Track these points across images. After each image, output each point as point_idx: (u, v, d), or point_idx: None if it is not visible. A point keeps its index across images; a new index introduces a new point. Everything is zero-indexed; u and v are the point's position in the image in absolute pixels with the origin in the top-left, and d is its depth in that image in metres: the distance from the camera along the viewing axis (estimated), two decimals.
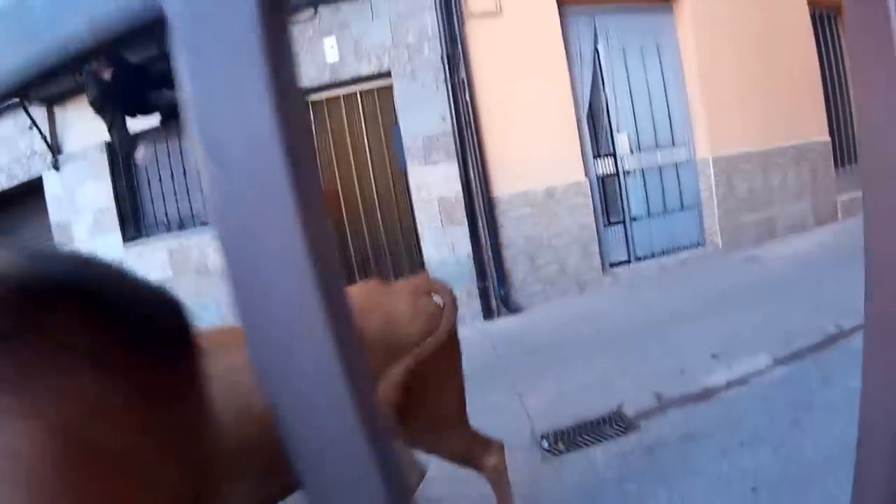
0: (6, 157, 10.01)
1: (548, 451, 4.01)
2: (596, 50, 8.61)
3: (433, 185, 7.84)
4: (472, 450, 2.99)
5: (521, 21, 7.96)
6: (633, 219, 8.83)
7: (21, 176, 9.90)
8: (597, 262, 8.31)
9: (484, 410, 3.92)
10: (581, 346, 5.87)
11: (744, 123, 9.07)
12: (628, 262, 8.75)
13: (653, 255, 8.82)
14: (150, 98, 7.72)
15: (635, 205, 8.83)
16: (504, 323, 7.66)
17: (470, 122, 7.75)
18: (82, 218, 9.33)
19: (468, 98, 7.75)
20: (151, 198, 9.09)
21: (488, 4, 7.88)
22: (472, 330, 7.26)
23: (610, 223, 8.73)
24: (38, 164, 9.63)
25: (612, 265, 8.64)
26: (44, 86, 8.76)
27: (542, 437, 4.17)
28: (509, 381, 5.28)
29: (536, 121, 8.01)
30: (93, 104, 7.60)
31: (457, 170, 7.79)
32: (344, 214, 8.29)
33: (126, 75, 7.53)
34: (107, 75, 7.38)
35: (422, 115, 7.77)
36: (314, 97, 8.11)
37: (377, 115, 8.15)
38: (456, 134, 7.74)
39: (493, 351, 6.42)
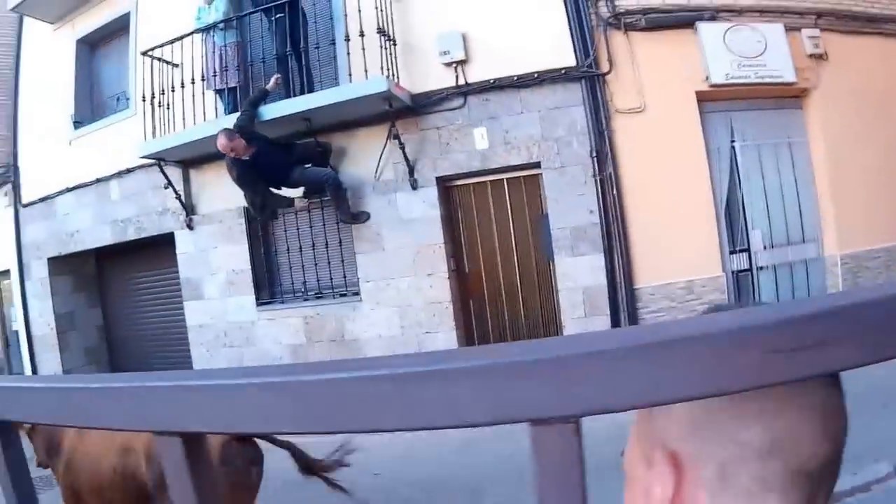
0: (136, 209, 10.12)
1: None
2: (732, 146, 8.57)
3: (578, 275, 7.81)
4: None
5: (664, 118, 7.94)
6: None
7: (151, 230, 10.00)
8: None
9: None
10: None
11: (871, 220, 8.98)
12: None
13: None
14: (292, 174, 7.91)
15: (766, 300, 8.71)
16: None
17: (617, 216, 7.73)
18: (215, 277, 9.37)
19: (615, 192, 7.74)
20: (290, 264, 9.08)
21: (633, 102, 7.89)
22: (603, 425, 7.11)
23: None
24: (170, 222, 9.72)
25: None
26: (178, 151, 8.95)
27: None
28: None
29: (678, 215, 7.96)
30: (236, 181, 7.86)
31: (602, 261, 7.75)
32: (485, 297, 8.31)
33: (267, 154, 7.71)
34: (246, 155, 7.55)
35: (570, 207, 7.78)
36: (462, 182, 8.26)
37: (524, 202, 8.20)
38: (603, 226, 7.72)
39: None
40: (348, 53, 7.67)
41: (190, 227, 9.51)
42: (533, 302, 8.22)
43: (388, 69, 7.63)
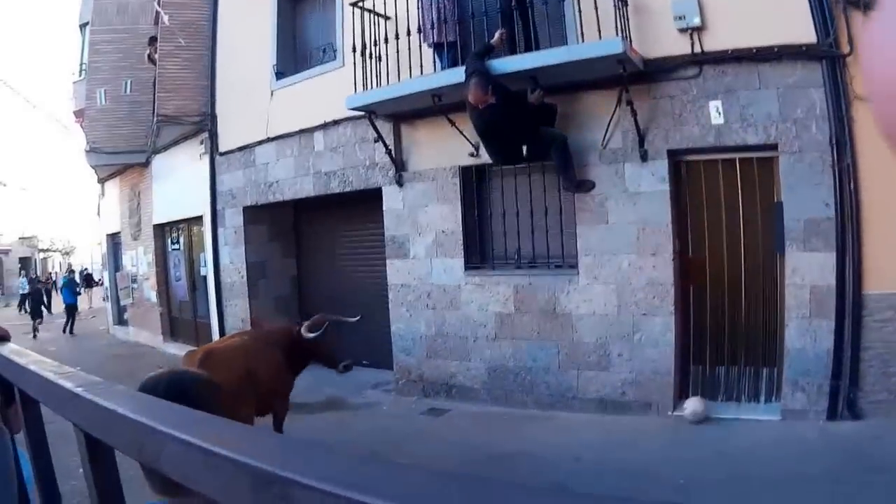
0: (342, 162, 10.14)
1: None
2: None
3: (808, 272, 7.22)
4: None
5: None
6: None
7: (356, 184, 10.00)
8: None
9: None
10: None
11: None
12: None
13: None
14: (525, 131, 7.66)
15: None
16: (847, 426, 7.01)
17: (852, 212, 7.08)
18: (422, 237, 9.27)
19: (852, 186, 7.14)
20: (504, 229, 8.79)
21: None
22: (816, 429, 6.90)
23: None
24: (378, 177, 9.67)
25: None
26: (390, 105, 8.85)
27: None
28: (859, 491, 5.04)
29: None
30: (480, 133, 7.77)
31: (834, 260, 7.13)
32: (707, 284, 7.84)
33: (506, 105, 7.49)
34: (482, 104, 7.37)
35: (806, 197, 7.17)
36: (693, 157, 7.76)
37: (755, 186, 7.60)
38: (838, 222, 7.07)
39: (840, 459, 6.07)
40: (579, 11, 7.35)
41: (399, 183, 9.44)
42: (756, 295, 7.69)
43: (621, 30, 7.23)
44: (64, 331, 20.01)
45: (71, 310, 20.55)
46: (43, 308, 22.27)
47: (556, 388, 8.24)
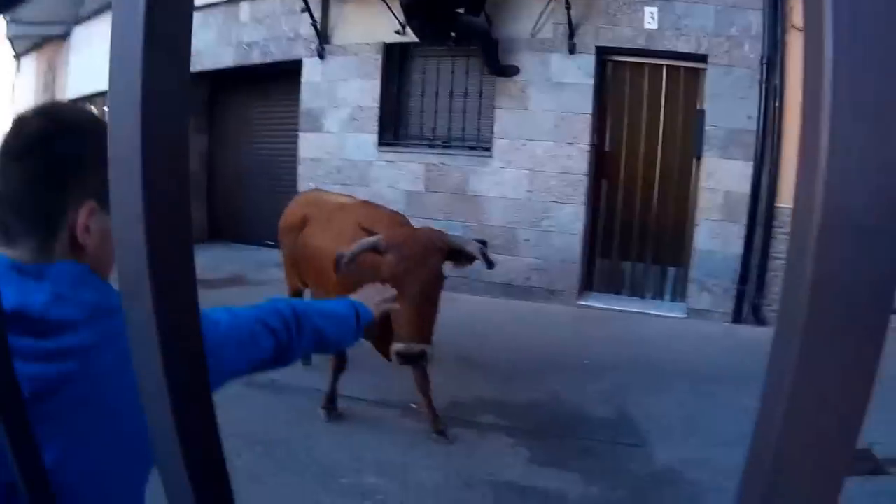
0: (265, 33, 9.44)
1: None
2: None
3: (724, 178, 7.14)
4: None
5: None
6: None
7: (277, 55, 9.30)
8: None
9: (738, 413, 4.21)
10: None
11: None
12: None
13: None
14: (447, 15, 7.26)
15: None
16: (749, 332, 6.98)
17: (774, 129, 7.02)
18: (338, 111, 8.66)
19: (777, 105, 7.03)
20: (422, 108, 8.40)
21: None
22: (721, 329, 6.94)
23: None
24: (300, 49, 8.98)
25: None
26: None
27: None
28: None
29: None
30: (408, 5, 7.25)
31: (751, 170, 7.07)
32: (621, 179, 7.65)
33: None
34: None
35: (729, 109, 7.09)
36: (621, 58, 7.55)
37: (679, 94, 7.43)
38: (759, 136, 7.03)
39: (746, 357, 5.94)
40: None
41: (321, 56, 8.79)
42: (669, 193, 7.56)
43: None
44: None
45: None
46: None
47: (461, 269, 7.86)
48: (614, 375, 5.32)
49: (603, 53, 7.49)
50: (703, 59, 7.21)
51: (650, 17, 7.31)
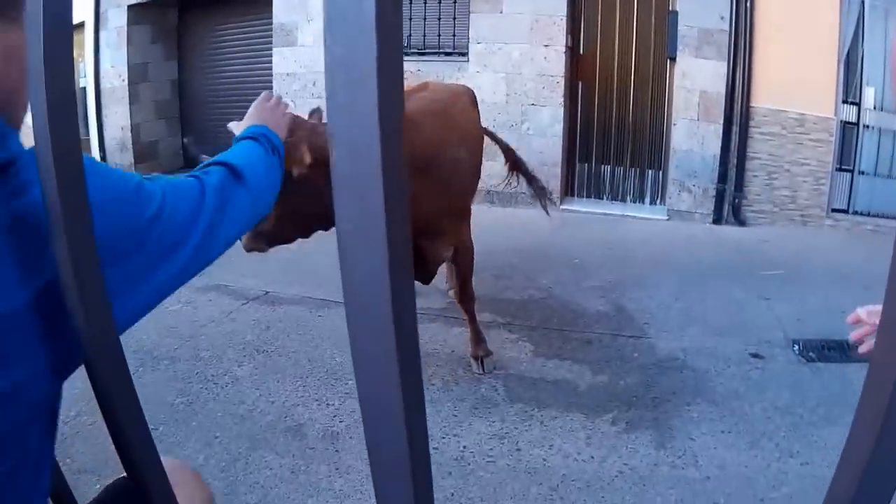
0: None
1: (799, 355, 3.97)
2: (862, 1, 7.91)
3: (699, 78, 7.09)
4: None
5: None
6: (861, 172, 8.13)
7: None
8: (823, 202, 7.70)
9: (730, 305, 4.67)
10: (817, 272, 5.51)
11: None
12: (846, 212, 8.08)
13: (870, 214, 8.14)
14: None
15: (866, 159, 8.13)
16: (731, 231, 7.12)
17: (746, 28, 7.00)
18: (311, 24, 8.52)
19: (748, 4, 7.01)
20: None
21: None
22: (703, 230, 7.02)
23: (840, 170, 8.06)
24: None
25: (833, 210, 8.00)
26: None
27: (794, 343, 4.12)
28: (752, 286, 5.14)
29: (804, 45, 7.35)
30: None
31: (725, 69, 7.03)
32: (596, 81, 7.60)
33: None
34: None
35: (701, 7, 7.03)
36: None
37: None
38: (732, 35, 7.00)
39: (731, 255, 6.20)
40: None
41: None
42: (644, 95, 7.51)
43: None
44: None
45: None
46: None
47: None
48: (605, 273, 5.39)
49: None
50: None
51: None
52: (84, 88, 11.58)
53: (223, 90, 10.29)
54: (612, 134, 7.64)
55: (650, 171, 7.55)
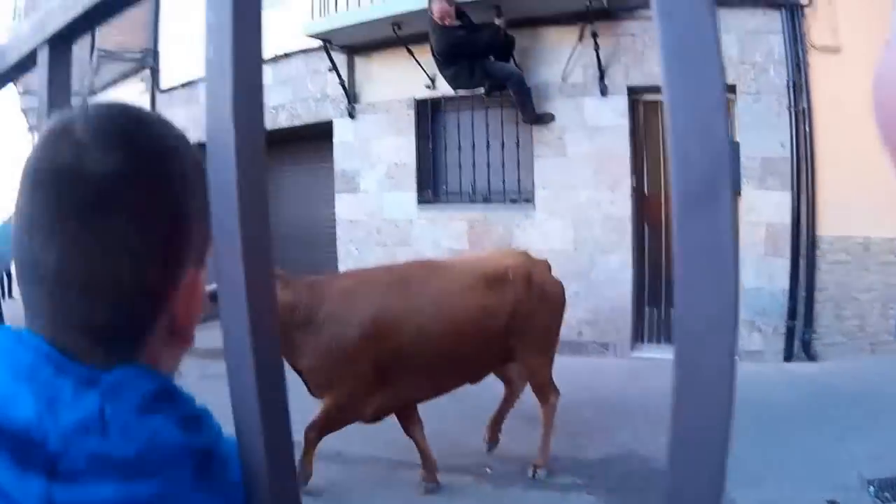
0: (291, 95, 9.72)
1: (875, 497, 3.92)
2: None
3: (764, 210, 7.20)
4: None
5: (863, 62, 7.26)
6: None
7: (306, 118, 9.59)
8: (891, 327, 7.63)
9: (805, 448, 4.55)
10: (891, 405, 5.32)
11: None
12: None
13: None
14: (479, 62, 7.42)
15: None
16: (802, 368, 7.04)
17: (807, 154, 7.10)
18: (374, 170, 8.91)
19: (808, 128, 7.12)
20: (459, 162, 8.55)
21: (829, 39, 7.24)
22: (774, 369, 6.91)
23: None
24: (329, 110, 9.27)
25: None
26: (348, 33, 8.43)
27: (869, 483, 4.05)
28: (826, 425, 5.12)
29: (865, 167, 7.33)
30: (441, 51, 7.37)
31: (790, 199, 7.13)
32: (662, 221, 7.70)
33: (466, 30, 7.29)
34: (449, 21, 7.12)
35: (762, 138, 7.15)
36: (652, 97, 7.61)
37: None
38: (794, 163, 7.09)
39: (804, 394, 6.13)
40: None
41: (351, 115, 9.05)
42: None
43: None
44: None
45: None
46: None
47: None
48: None
49: (634, 93, 7.67)
50: (731, 89, 7.28)
51: None
52: None
53: (287, 230, 10.55)
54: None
55: None
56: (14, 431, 0.58)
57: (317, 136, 9.53)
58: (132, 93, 12.22)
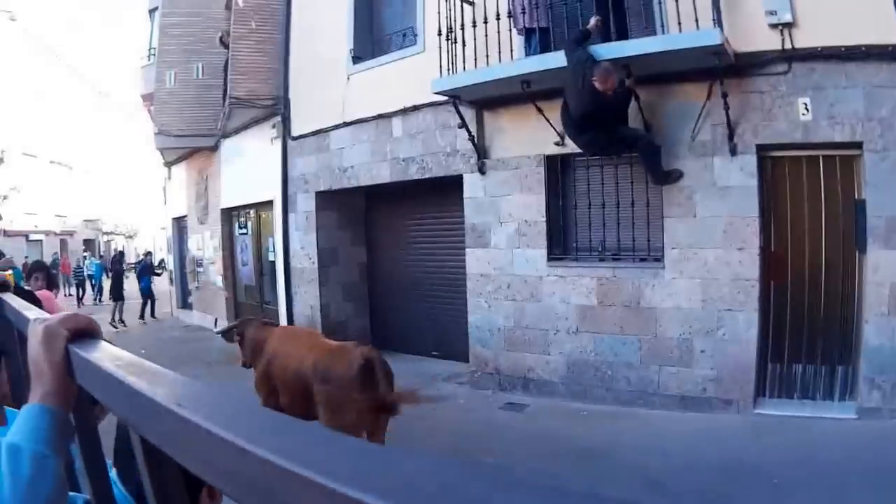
0: (421, 149, 10.98)
1: None
2: None
3: (889, 270, 7.49)
4: None
5: None
6: None
7: (436, 171, 10.81)
8: None
9: None
10: None
11: None
12: None
13: None
14: (611, 125, 8.19)
15: None
16: None
17: None
18: (504, 227, 9.96)
19: None
20: (589, 220, 9.37)
21: None
22: (893, 427, 7.24)
23: None
24: (459, 164, 10.44)
25: None
26: (477, 90, 9.46)
27: None
28: None
29: None
30: (583, 116, 8.07)
31: None
32: (788, 280, 8.28)
33: (622, 96, 8.08)
34: (610, 86, 7.78)
35: (889, 195, 7.51)
36: (779, 153, 8.21)
37: (837, 184, 8.05)
38: None
39: None
40: (676, 0, 7.82)
41: (481, 171, 10.12)
42: (834, 292, 8.09)
43: (716, 22, 7.61)
44: (141, 316, 20.38)
45: (147, 295, 20.76)
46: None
47: (637, 384, 8.89)
48: (804, 489, 5.80)
49: (762, 151, 8.15)
50: (858, 146, 7.78)
51: (804, 109, 7.96)
52: (273, 262, 13.56)
53: (414, 279, 11.87)
54: (803, 331, 8.12)
55: (840, 367, 7.97)
56: None
57: (445, 188, 10.78)
58: (263, 138, 13.92)
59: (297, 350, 6.53)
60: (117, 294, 20.40)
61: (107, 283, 25.36)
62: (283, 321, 13.18)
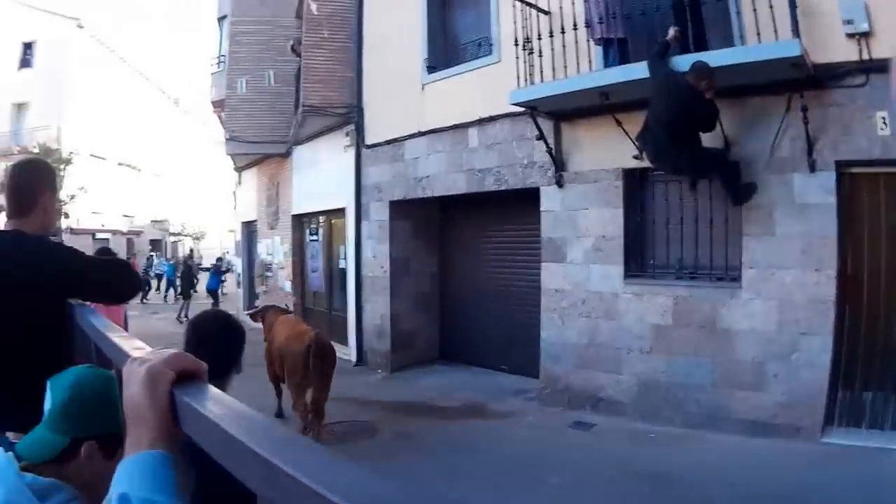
0: (497, 160, 11.45)
1: None
2: None
3: None
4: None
5: None
6: None
7: (513, 183, 11.26)
8: None
9: None
10: None
11: None
12: None
13: None
14: (690, 143, 8.32)
15: None
16: None
17: None
18: (580, 241, 10.27)
19: None
20: (668, 236, 9.54)
21: None
22: None
23: None
24: (536, 176, 10.85)
25: None
26: (555, 101, 9.80)
27: None
28: None
29: None
30: (670, 130, 8.19)
31: None
32: (864, 303, 8.24)
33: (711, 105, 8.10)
34: (710, 93, 7.89)
35: None
36: (857, 170, 8.21)
37: None
38: None
39: None
40: (753, 11, 7.83)
41: (559, 184, 10.47)
42: None
43: (794, 32, 7.51)
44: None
45: (212, 293, 24.07)
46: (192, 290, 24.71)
47: (707, 407, 8.98)
48: None
49: (840, 167, 8.11)
50: None
51: (882, 123, 7.88)
52: (343, 270, 14.26)
53: (487, 291, 12.42)
54: (874, 358, 8.03)
55: None
56: None
57: (521, 201, 11.22)
58: (335, 145, 14.64)
59: (282, 332, 9.58)
60: (186, 292, 23.22)
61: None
62: (352, 329, 14.01)
